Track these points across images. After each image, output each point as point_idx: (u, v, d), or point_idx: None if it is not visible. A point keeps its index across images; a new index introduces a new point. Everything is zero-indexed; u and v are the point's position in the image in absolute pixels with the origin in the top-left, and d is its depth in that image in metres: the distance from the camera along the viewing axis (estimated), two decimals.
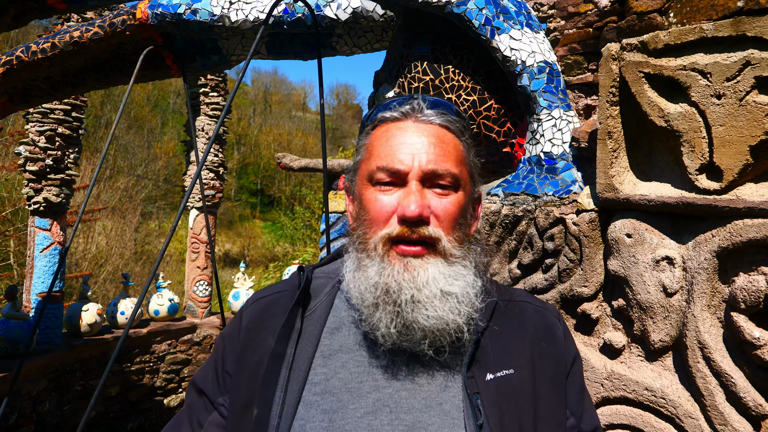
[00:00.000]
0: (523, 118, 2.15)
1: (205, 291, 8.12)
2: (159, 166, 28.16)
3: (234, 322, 1.07)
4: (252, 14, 2.92)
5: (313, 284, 1.06)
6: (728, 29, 1.42)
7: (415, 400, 0.91)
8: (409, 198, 0.94)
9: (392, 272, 0.93)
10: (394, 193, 0.97)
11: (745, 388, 1.37)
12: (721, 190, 1.45)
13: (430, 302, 0.92)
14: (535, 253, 1.87)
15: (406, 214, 0.93)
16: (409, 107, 1.02)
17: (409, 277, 0.93)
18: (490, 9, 2.02)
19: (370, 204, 0.98)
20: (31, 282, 6.05)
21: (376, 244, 0.96)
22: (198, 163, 2.31)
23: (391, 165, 0.97)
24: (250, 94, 43.90)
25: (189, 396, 1.07)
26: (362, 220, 1.00)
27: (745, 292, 1.37)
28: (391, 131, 1.01)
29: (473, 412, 0.89)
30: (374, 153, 1.00)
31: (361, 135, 1.08)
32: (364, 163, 1.03)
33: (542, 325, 1.06)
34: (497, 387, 0.93)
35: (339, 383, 0.92)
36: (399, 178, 0.97)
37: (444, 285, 0.93)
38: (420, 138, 0.99)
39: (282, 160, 8.11)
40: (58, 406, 5.88)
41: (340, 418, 0.89)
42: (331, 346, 0.97)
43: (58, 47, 3.17)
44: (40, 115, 5.99)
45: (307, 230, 20.26)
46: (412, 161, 0.96)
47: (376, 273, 0.94)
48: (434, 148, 0.98)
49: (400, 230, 0.94)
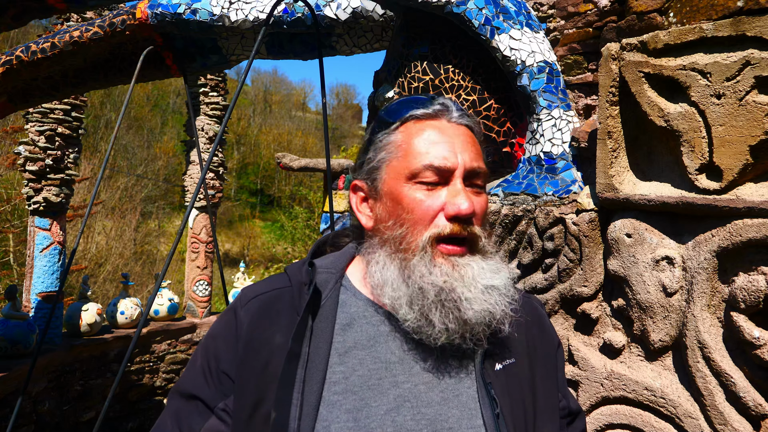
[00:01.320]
0: (522, 117, 2.15)
1: (205, 291, 8.12)
2: (159, 165, 28.16)
3: (226, 320, 1.01)
4: (252, 14, 2.92)
5: (318, 280, 1.02)
6: (728, 29, 1.42)
7: (434, 393, 0.92)
8: (461, 196, 0.94)
9: (443, 272, 0.93)
10: (438, 191, 0.96)
11: (745, 388, 1.37)
12: (720, 190, 1.45)
13: (478, 297, 0.93)
14: (534, 252, 1.87)
15: (462, 212, 0.93)
16: (440, 106, 1.02)
17: (458, 275, 0.93)
18: (489, 9, 2.01)
19: (415, 203, 0.96)
20: (30, 282, 6.05)
21: (425, 244, 0.94)
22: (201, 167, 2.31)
23: (438, 163, 0.96)
24: (250, 94, 43.89)
25: (173, 403, 0.99)
26: (402, 219, 0.97)
27: (745, 291, 1.37)
28: (427, 129, 0.99)
29: (490, 402, 0.91)
30: (414, 150, 0.98)
31: (382, 133, 1.03)
32: (399, 160, 0.99)
33: (532, 313, 1.09)
34: (505, 376, 0.96)
35: (359, 381, 0.91)
36: (444, 176, 0.96)
37: (488, 280, 0.94)
38: (459, 137, 0.99)
39: (282, 160, 8.12)
40: (58, 405, 5.88)
41: (365, 417, 0.88)
42: (345, 343, 0.95)
43: (57, 47, 3.17)
44: (40, 114, 5.98)
45: (307, 230, 20.27)
46: (457, 159, 0.97)
47: (427, 274, 0.93)
48: (471, 147, 1.00)
49: (452, 228, 0.94)
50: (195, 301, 8.05)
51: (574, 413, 1.13)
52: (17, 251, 12.72)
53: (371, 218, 1.04)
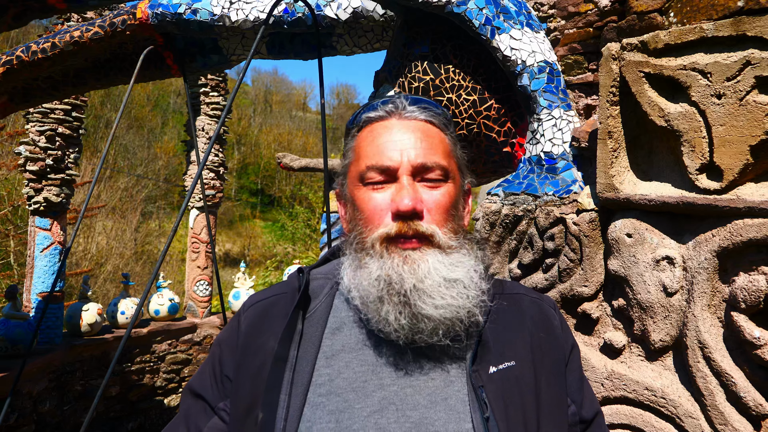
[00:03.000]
0: (523, 117, 2.15)
1: (206, 291, 8.12)
2: (159, 165, 28.16)
3: (231, 326, 1.06)
4: (252, 14, 2.92)
5: (312, 285, 1.05)
6: (728, 29, 1.42)
7: (421, 397, 0.91)
8: (402, 192, 0.95)
9: (392, 265, 0.94)
10: (386, 190, 0.98)
11: (746, 388, 1.37)
12: (721, 190, 1.45)
13: (436, 290, 0.92)
14: (535, 252, 1.87)
15: (400, 209, 0.94)
16: (392, 106, 1.03)
17: (409, 268, 0.93)
18: (490, 9, 2.01)
19: (364, 203, 0.99)
20: (31, 282, 6.05)
21: (374, 242, 0.96)
22: (199, 164, 2.32)
23: (380, 162, 0.98)
24: (251, 94, 43.90)
25: (185, 401, 1.05)
26: (357, 220, 1.00)
27: (746, 291, 1.37)
28: (376, 130, 1.02)
29: (479, 405, 0.90)
30: (362, 153, 1.01)
31: (347, 138, 1.09)
32: (353, 164, 1.03)
33: (539, 316, 1.07)
34: (500, 380, 0.94)
35: (344, 383, 0.92)
36: (389, 175, 0.98)
37: (446, 273, 0.94)
38: (406, 134, 1.00)
39: (282, 160, 8.11)
40: (59, 405, 5.88)
41: (347, 418, 0.88)
42: (333, 346, 0.97)
43: (58, 47, 3.17)
44: (41, 114, 5.98)
45: (307, 230, 20.27)
46: (401, 156, 0.97)
47: (377, 268, 0.95)
48: (421, 143, 0.99)
49: (397, 228, 0.95)
50: (195, 301, 8.05)
51: (587, 421, 1.07)
52: (17, 251, 12.72)
53: (346, 222, 1.08)
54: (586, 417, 1.07)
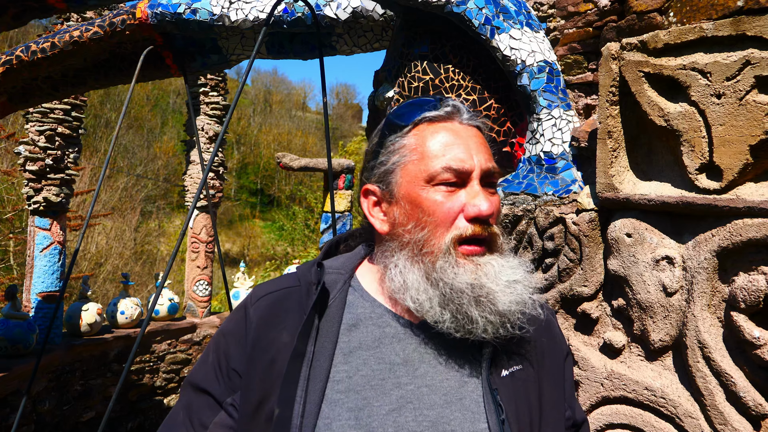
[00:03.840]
0: (522, 117, 2.15)
1: (205, 291, 8.12)
2: (159, 165, 28.17)
3: (237, 318, 1.03)
4: (252, 14, 2.92)
5: (326, 280, 1.03)
6: (728, 29, 1.42)
7: (437, 396, 0.92)
8: (480, 197, 0.96)
9: (469, 271, 0.95)
10: (455, 193, 0.97)
11: (745, 388, 1.37)
12: (721, 190, 1.45)
13: (504, 290, 0.95)
14: (534, 252, 1.87)
15: (482, 213, 0.95)
16: (451, 108, 1.02)
17: (482, 273, 0.95)
18: (489, 8, 2.01)
19: (435, 206, 0.96)
20: (31, 282, 6.05)
21: (448, 246, 0.95)
22: (202, 167, 2.31)
23: (458, 165, 0.97)
24: (251, 94, 43.88)
25: (185, 396, 1.02)
26: (422, 222, 0.97)
27: (745, 291, 1.37)
28: (441, 131, 1.00)
29: (496, 408, 0.91)
30: (430, 153, 0.98)
31: (394, 136, 1.03)
32: (415, 163, 0.99)
33: (541, 322, 1.08)
34: (511, 382, 0.96)
35: (362, 380, 0.92)
36: (462, 178, 0.97)
37: (509, 276, 0.96)
38: (472, 138, 1.01)
39: (282, 160, 8.11)
40: (58, 405, 5.88)
41: (366, 416, 0.89)
42: (350, 343, 0.96)
43: (57, 47, 3.17)
44: (40, 114, 5.98)
45: (306, 230, 20.26)
46: (474, 160, 0.98)
47: (460, 273, 0.94)
48: (484, 148, 1.02)
49: (474, 230, 0.95)
50: (195, 301, 8.05)
51: (578, 424, 1.13)
52: (17, 251, 12.72)
53: (386, 222, 1.03)
54: (579, 420, 1.12)
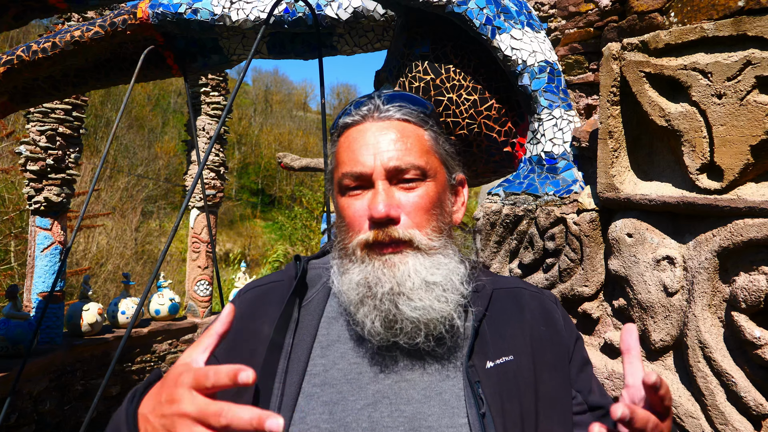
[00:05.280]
0: (523, 117, 2.15)
1: (206, 290, 8.13)
2: (159, 165, 28.19)
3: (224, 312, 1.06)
4: (253, 14, 2.92)
5: (309, 274, 1.06)
6: (729, 29, 1.42)
7: (415, 391, 0.91)
8: (376, 199, 0.94)
9: (372, 269, 0.94)
10: (364, 196, 0.97)
11: (746, 388, 1.37)
12: (721, 190, 1.45)
13: (415, 293, 0.92)
14: (535, 252, 1.87)
15: (374, 216, 0.93)
16: (366, 108, 1.02)
17: (389, 272, 0.93)
18: (490, 8, 2.02)
19: (345, 211, 0.99)
20: (31, 281, 6.05)
21: (355, 249, 0.96)
22: (199, 164, 2.32)
23: (354, 169, 0.97)
24: (251, 94, 43.91)
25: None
26: (340, 227, 1.01)
27: (746, 291, 1.37)
28: (351, 135, 1.01)
29: (475, 401, 0.89)
30: (339, 160, 1.01)
31: (331, 145, 1.08)
32: (335, 172, 1.03)
33: (539, 310, 1.06)
34: (497, 374, 0.93)
35: (338, 374, 0.92)
36: (365, 181, 0.97)
37: (426, 275, 0.93)
38: (380, 136, 0.98)
39: (283, 160, 8.12)
40: (59, 405, 5.89)
41: (341, 410, 0.89)
42: (329, 336, 0.97)
43: (58, 47, 3.17)
44: (41, 114, 5.99)
45: (305, 230, 20.26)
46: (375, 161, 0.96)
47: (357, 273, 0.95)
48: (395, 144, 0.98)
49: (374, 235, 0.94)
50: (196, 300, 8.06)
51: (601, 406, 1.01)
52: (18, 251, 12.72)
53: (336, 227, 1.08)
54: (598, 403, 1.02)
